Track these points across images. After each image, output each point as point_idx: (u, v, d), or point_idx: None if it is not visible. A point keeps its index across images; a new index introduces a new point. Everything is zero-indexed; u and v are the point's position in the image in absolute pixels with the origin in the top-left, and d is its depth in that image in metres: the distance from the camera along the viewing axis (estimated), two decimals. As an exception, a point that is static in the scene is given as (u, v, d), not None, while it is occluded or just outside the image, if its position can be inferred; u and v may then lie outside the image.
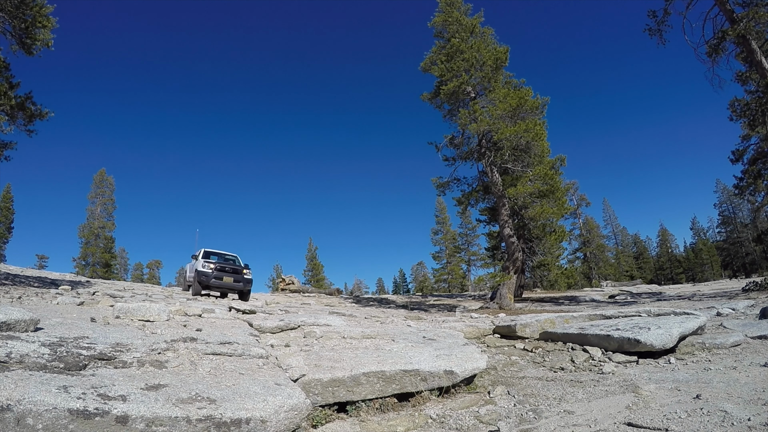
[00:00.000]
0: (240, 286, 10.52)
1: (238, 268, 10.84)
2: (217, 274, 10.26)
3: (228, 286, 10.43)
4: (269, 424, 1.60)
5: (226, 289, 10.66)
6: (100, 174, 40.85)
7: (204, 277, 10.16)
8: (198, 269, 10.38)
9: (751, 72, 13.25)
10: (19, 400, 1.31)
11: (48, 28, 9.92)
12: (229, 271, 10.51)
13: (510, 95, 12.86)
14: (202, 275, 10.15)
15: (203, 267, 10.29)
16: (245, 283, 10.63)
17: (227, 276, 10.34)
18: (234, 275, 10.50)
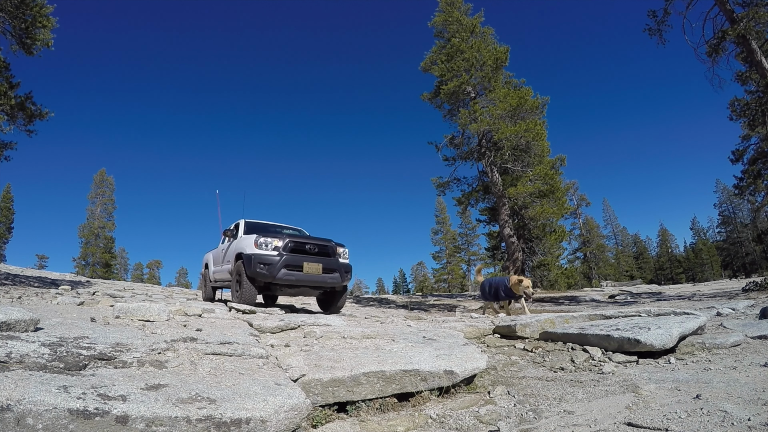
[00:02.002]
0: (335, 280, 5.93)
1: (326, 245, 6.11)
2: (291, 258, 5.70)
3: (313, 280, 5.78)
4: (269, 424, 1.60)
5: (310, 286, 6.01)
6: (100, 174, 40.87)
7: (264, 266, 5.55)
8: (247, 252, 5.75)
9: (751, 72, 13.26)
10: (19, 400, 1.31)
11: (48, 28, 9.93)
12: (312, 252, 5.94)
13: (510, 95, 12.86)
14: (260, 264, 5.56)
15: (259, 247, 5.72)
16: (342, 273, 6.03)
17: (311, 262, 5.77)
18: (323, 260, 5.92)
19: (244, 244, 6.00)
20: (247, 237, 6.04)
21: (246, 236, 6.20)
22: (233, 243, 6.73)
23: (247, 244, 5.88)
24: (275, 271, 5.50)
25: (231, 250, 6.68)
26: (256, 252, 5.67)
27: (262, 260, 5.57)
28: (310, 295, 6.53)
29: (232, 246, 6.73)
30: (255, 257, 5.60)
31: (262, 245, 5.73)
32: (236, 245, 6.41)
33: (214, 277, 7.93)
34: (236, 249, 6.30)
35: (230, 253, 6.69)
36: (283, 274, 5.54)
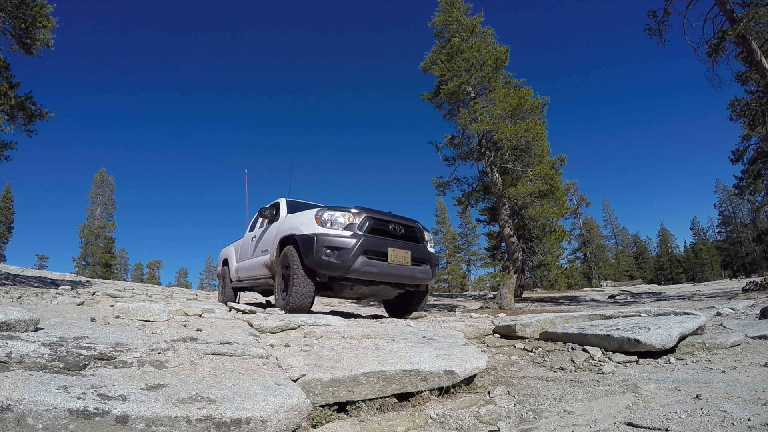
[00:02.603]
0: (425, 275, 4.61)
1: (412, 226, 4.71)
2: (372, 242, 4.24)
3: (400, 274, 4.36)
4: (269, 424, 1.60)
5: (393, 284, 4.56)
6: (100, 174, 40.88)
7: (332, 252, 4.09)
8: (305, 233, 4.27)
9: (751, 72, 13.27)
10: (19, 400, 1.31)
11: (48, 28, 9.94)
12: (397, 233, 4.50)
13: (510, 95, 12.87)
14: (327, 248, 4.09)
15: (324, 225, 4.27)
16: (433, 266, 4.77)
17: (398, 248, 4.36)
18: (411, 246, 4.54)
19: (297, 223, 4.39)
20: (303, 213, 4.45)
21: (299, 213, 4.60)
22: (273, 226, 5.14)
23: (303, 222, 4.28)
24: (350, 260, 3.81)
25: (270, 236, 5.05)
26: (321, 232, 3.96)
27: (330, 243, 3.88)
28: (385, 297, 4.93)
29: (271, 230, 5.14)
30: (319, 239, 3.89)
31: (328, 222, 4.08)
32: (281, 227, 4.82)
33: (237, 275, 6.46)
34: (282, 231, 4.69)
35: (269, 239, 5.07)
36: (360, 264, 3.87)
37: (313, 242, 4.08)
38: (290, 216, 5.01)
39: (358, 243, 4.09)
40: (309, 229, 4.29)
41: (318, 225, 4.26)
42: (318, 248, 4.04)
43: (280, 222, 5.17)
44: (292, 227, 4.63)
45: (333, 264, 4.06)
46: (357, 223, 4.31)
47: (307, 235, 4.21)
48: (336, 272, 4.14)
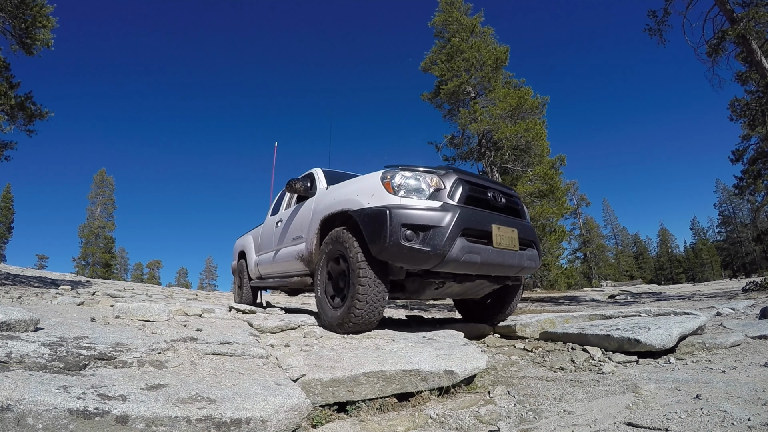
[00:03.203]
0: (533, 262, 3.42)
1: (512, 195, 3.57)
2: (472, 216, 2.89)
3: (507, 263, 3.09)
4: (269, 424, 1.60)
5: (493, 277, 3.41)
6: (100, 174, 40.91)
7: (418, 233, 2.72)
8: (372, 207, 2.90)
9: (751, 72, 13.27)
10: (19, 400, 1.32)
11: (48, 28, 9.94)
12: (498, 206, 3.28)
13: (510, 95, 12.88)
14: (409, 228, 2.72)
15: (397, 192, 2.90)
16: (539, 249, 3.62)
17: (503, 225, 3.09)
18: (515, 222, 3.33)
19: (350, 193, 3.16)
20: (360, 179, 3.27)
21: (351, 181, 3.41)
22: (308, 204, 3.92)
23: (361, 191, 3.05)
24: (445, 244, 2.64)
25: (304, 217, 3.86)
26: (396, 203, 2.77)
27: (412, 220, 2.69)
28: (474, 295, 3.62)
29: (305, 209, 3.92)
30: (395, 215, 2.69)
31: (403, 188, 2.85)
32: (322, 202, 3.59)
33: (258, 270, 5.34)
34: (325, 208, 3.45)
35: (302, 222, 3.88)
36: (460, 250, 2.69)
37: (386, 219, 2.65)
38: (335, 187, 3.64)
39: (454, 218, 2.69)
40: (375, 199, 2.88)
41: (389, 192, 2.83)
42: (394, 228, 2.63)
43: (320, 196, 3.78)
44: (343, 200, 3.23)
45: (419, 252, 2.63)
46: (446, 189, 2.89)
47: (374, 210, 2.78)
48: (423, 264, 2.70)
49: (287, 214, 4.63)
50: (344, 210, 3.23)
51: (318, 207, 3.75)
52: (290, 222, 4.41)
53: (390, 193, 2.91)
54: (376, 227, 2.79)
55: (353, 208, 3.10)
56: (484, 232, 2.97)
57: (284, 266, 4.48)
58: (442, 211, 2.80)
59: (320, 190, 4.02)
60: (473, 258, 2.86)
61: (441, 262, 2.75)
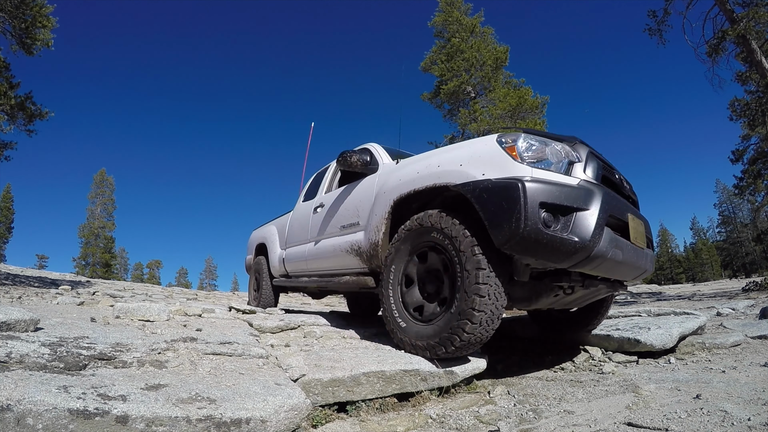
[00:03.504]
0: (650, 262, 2.74)
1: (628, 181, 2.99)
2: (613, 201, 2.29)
3: (633, 264, 2.42)
4: (269, 424, 1.60)
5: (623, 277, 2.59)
6: (100, 174, 40.92)
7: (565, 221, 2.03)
8: (500, 180, 2.10)
9: (751, 72, 13.26)
10: (19, 400, 1.32)
11: (48, 28, 9.95)
12: (625, 192, 2.74)
13: (510, 95, 12.88)
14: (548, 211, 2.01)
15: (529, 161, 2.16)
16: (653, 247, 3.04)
17: (635, 218, 2.55)
18: (640, 214, 2.84)
19: (449, 161, 2.47)
20: (463, 145, 2.55)
21: (449, 147, 2.70)
22: (368, 182, 3.23)
23: (470, 158, 2.36)
24: (595, 234, 2.05)
25: (364, 198, 3.17)
26: (530, 175, 2.11)
27: (555, 198, 2.05)
28: (582, 304, 3.00)
29: (364, 189, 3.23)
30: (533, 188, 2.02)
31: (531, 155, 2.21)
32: (393, 177, 2.92)
33: (284, 267, 4.68)
34: (403, 183, 2.76)
35: (361, 204, 3.19)
36: (608, 243, 2.13)
37: (519, 195, 1.99)
38: (411, 160, 2.93)
39: (600, 200, 2.11)
40: (493, 169, 2.18)
41: (515, 160, 2.15)
42: (531, 208, 1.97)
43: (386, 172, 3.09)
44: (435, 172, 2.48)
45: (564, 243, 1.99)
46: (581, 163, 2.28)
47: (497, 183, 2.10)
48: (563, 261, 2.05)
49: (331, 198, 3.81)
50: (442, 185, 2.39)
51: (386, 185, 2.94)
52: (338, 206, 3.59)
53: (516, 161, 2.15)
54: (502, 207, 2.03)
55: (457, 181, 2.29)
56: (621, 223, 2.36)
57: (329, 262, 3.64)
58: (586, 190, 2.11)
59: (385, 165, 3.26)
60: (617, 255, 2.19)
61: (587, 258, 2.03)
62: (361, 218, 3.21)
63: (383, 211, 2.89)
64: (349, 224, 3.39)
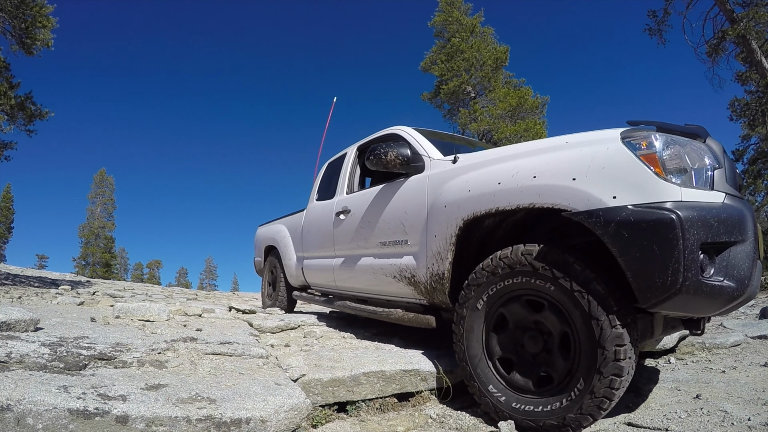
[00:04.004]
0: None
1: None
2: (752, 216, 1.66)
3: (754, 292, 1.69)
4: (269, 424, 1.60)
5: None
6: (100, 174, 40.92)
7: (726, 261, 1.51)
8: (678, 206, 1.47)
9: (751, 72, 13.26)
10: (19, 399, 1.32)
11: (48, 28, 9.94)
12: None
13: (510, 95, 12.88)
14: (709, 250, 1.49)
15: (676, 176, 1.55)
16: None
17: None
18: None
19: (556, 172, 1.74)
20: (571, 144, 1.80)
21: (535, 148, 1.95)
22: (414, 186, 2.55)
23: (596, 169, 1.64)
24: (749, 273, 1.57)
25: (414, 205, 2.49)
26: (680, 199, 1.52)
27: (714, 232, 1.50)
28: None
29: (411, 193, 2.55)
30: (691, 221, 1.45)
31: (675, 165, 1.59)
32: (458, 184, 2.20)
33: (302, 276, 4.18)
34: (477, 197, 2.04)
35: (409, 215, 2.52)
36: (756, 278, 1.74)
37: (675, 234, 1.47)
38: (476, 161, 2.20)
39: (753, 224, 1.74)
40: (629, 190, 1.59)
41: (657, 175, 1.58)
42: (690, 252, 1.48)
43: (441, 175, 2.36)
44: (533, 186, 1.82)
45: (723, 292, 1.53)
46: (723, 168, 1.75)
47: (644, 216, 1.53)
48: (714, 310, 1.62)
49: (360, 202, 3.04)
50: (545, 207, 1.75)
51: (445, 195, 2.24)
52: (373, 215, 2.86)
53: (660, 177, 1.57)
54: (652, 253, 1.50)
55: (576, 206, 1.66)
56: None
57: (368, 285, 3.03)
58: (737, 213, 1.62)
59: (435, 163, 2.49)
60: (755, 289, 1.75)
61: (737, 302, 1.61)
62: (409, 236, 2.53)
63: (446, 233, 2.20)
64: (392, 241, 2.71)
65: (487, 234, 2.21)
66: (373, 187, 3.04)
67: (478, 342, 2.03)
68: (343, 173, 3.65)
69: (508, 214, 1.97)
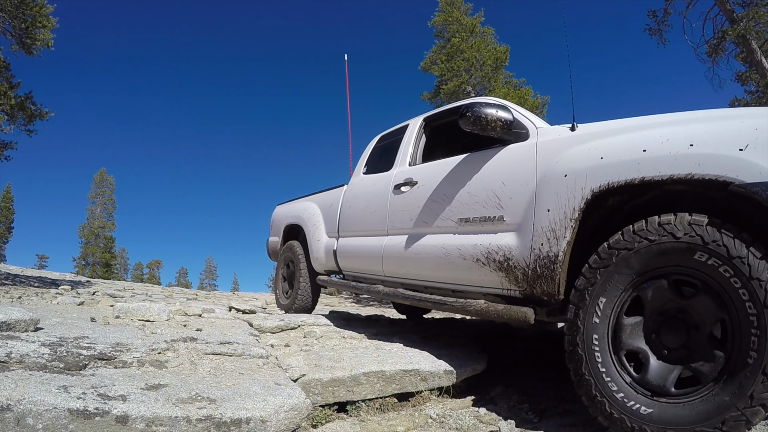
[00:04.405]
0: None
1: None
2: None
3: None
4: (269, 424, 1.60)
5: None
6: (100, 174, 40.94)
7: None
8: None
9: (751, 72, 13.27)
10: (19, 399, 1.32)
11: (48, 28, 9.95)
12: None
13: (510, 95, 12.89)
14: None
15: None
16: None
17: None
18: None
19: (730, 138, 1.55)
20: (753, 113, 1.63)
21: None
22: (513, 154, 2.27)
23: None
24: None
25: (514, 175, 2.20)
26: None
27: None
28: None
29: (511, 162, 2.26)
30: None
31: None
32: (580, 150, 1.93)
33: (338, 261, 3.72)
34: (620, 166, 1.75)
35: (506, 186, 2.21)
36: None
37: None
38: (604, 129, 1.97)
39: None
40: None
41: None
42: None
43: (553, 141, 2.12)
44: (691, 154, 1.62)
45: None
46: None
47: None
48: None
49: (433, 172, 2.74)
50: (708, 178, 1.57)
51: (566, 163, 1.96)
52: (451, 187, 2.53)
53: None
54: None
55: (744, 177, 1.50)
56: None
57: (434, 270, 2.62)
58: None
59: (543, 131, 2.24)
60: None
61: None
62: (506, 211, 2.18)
63: (565, 206, 1.90)
64: (479, 218, 2.33)
65: (606, 216, 1.92)
66: (449, 158, 2.66)
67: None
68: (405, 144, 3.27)
69: (649, 185, 1.72)
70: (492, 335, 4.26)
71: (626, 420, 1.58)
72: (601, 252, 1.74)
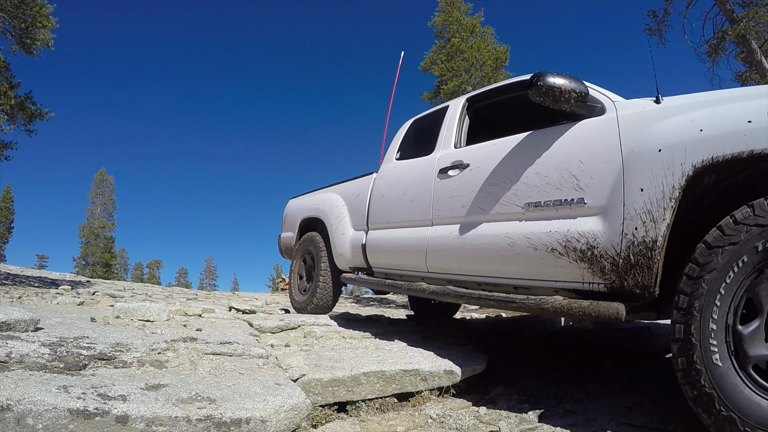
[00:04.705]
0: None
1: None
2: None
3: None
4: (269, 424, 1.60)
5: None
6: (100, 174, 40.97)
7: None
8: None
9: (751, 72, 13.27)
10: (19, 399, 1.32)
11: (48, 28, 9.95)
12: None
13: (510, 95, 12.86)
14: None
15: None
16: None
17: None
18: None
19: None
20: None
21: None
22: (588, 129, 2.04)
23: None
24: None
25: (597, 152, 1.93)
26: None
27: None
28: None
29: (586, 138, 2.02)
30: None
31: None
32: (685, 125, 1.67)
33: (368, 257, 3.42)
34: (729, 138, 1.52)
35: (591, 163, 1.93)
36: None
37: None
38: (695, 101, 1.81)
39: None
40: None
41: None
42: None
43: (636, 115, 1.91)
44: None
45: None
46: None
47: None
48: None
49: (489, 153, 2.47)
50: None
51: (659, 137, 1.74)
52: (518, 167, 2.25)
53: None
54: None
55: None
56: None
57: (500, 262, 2.27)
58: None
59: (626, 105, 2.02)
60: None
61: None
62: (587, 192, 1.94)
63: (662, 185, 1.68)
64: (553, 201, 2.06)
65: (698, 198, 1.71)
66: (506, 137, 2.40)
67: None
68: (448, 126, 2.98)
69: (754, 161, 1.51)
70: (492, 335, 4.26)
71: None
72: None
